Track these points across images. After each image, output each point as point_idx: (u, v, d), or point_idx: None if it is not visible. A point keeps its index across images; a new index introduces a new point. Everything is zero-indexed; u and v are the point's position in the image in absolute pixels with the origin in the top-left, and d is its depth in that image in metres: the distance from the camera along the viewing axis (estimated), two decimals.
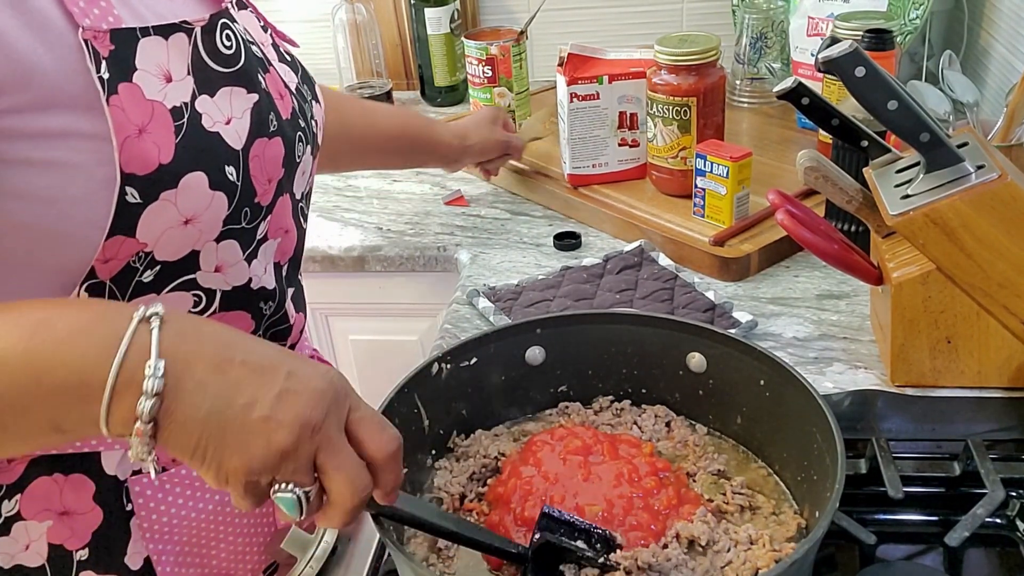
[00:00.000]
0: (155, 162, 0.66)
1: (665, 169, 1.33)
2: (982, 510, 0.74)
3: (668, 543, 0.68)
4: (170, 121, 0.67)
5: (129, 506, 0.77)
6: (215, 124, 0.71)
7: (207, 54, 0.72)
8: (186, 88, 0.69)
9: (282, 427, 0.54)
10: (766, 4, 1.68)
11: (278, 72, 0.82)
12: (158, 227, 0.68)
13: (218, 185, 0.70)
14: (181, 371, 0.53)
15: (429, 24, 1.82)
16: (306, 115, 0.85)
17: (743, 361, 0.78)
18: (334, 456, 0.55)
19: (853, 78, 0.83)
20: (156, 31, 0.68)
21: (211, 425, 0.53)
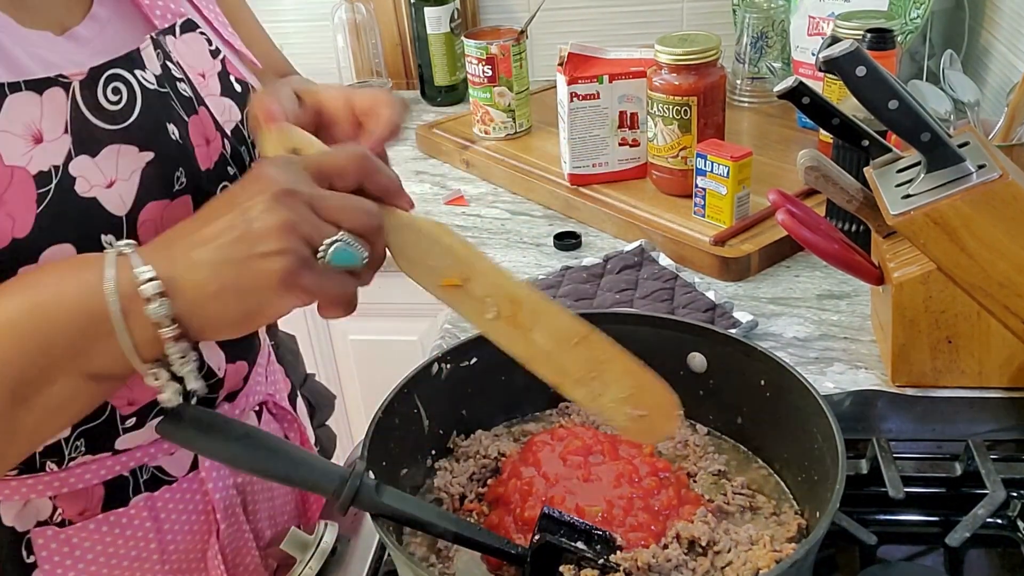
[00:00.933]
0: (8, 236, 0.60)
1: (665, 169, 1.33)
2: (983, 510, 0.74)
3: (668, 543, 0.67)
4: (32, 189, 0.61)
5: (31, 559, 0.73)
6: (92, 188, 0.64)
7: (88, 109, 0.65)
8: (60, 149, 0.63)
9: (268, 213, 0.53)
10: (766, 3, 1.68)
11: (211, 112, 0.75)
12: None
13: None
14: (167, 264, 0.54)
15: (429, 23, 1.81)
16: (241, 159, 0.78)
17: (743, 361, 0.78)
18: (325, 203, 0.55)
19: (854, 77, 0.82)
20: (28, 86, 0.62)
21: (225, 278, 0.54)
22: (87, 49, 0.68)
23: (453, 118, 1.73)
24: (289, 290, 0.54)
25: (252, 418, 0.85)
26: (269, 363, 0.93)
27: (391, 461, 0.73)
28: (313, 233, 0.54)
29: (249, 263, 0.53)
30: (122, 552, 0.75)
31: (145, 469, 0.76)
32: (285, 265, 0.53)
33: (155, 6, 0.74)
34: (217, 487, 0.79)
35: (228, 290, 0.54)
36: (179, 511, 0.78)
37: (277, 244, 0.53)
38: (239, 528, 0.81)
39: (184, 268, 0.54)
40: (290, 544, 0.76)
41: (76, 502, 0.73)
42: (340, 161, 0.58)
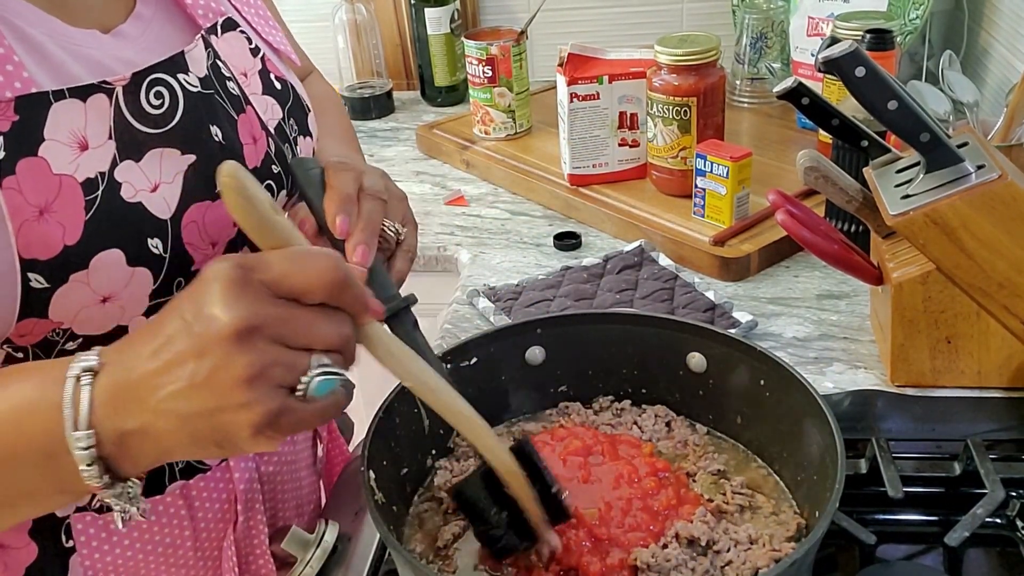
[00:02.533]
0: (59, 244, 0.61)
1: (665, 169, 1.33)
2: (982, 510, 0.74)
3: (668, 543, 0.68)
4: (80, 197, 0.62)
5: (69, 543, 0.74)
6: (137, 193, 0.65)
7: (131, 115, 0.66)
8: (105, 155, 0.64)
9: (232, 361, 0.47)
10: (766, 4, 1.68)
11: (256, 111, 0.76)
12: (72, 307, 0.63)
13: (139, 260, 0.65)
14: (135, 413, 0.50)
15: (429, 24, 1.82)
16: (284, 157, 0.78)
17: (743, 361, 0.78)
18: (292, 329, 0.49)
19: (853, 78, 0.83)
20: (72, 93, 0.62)
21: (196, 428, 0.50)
22: (134, 47, 0.69)
23: (453, 118, 1.73)
24: (263, 437, 0.49)
25: None
26: None
27: (391, 461, 0.73)
28: (286, 374, 0.49)
29: (220, 415, 0.48)
30: (157, 538, 0.76)
31: None
32: (258, 418, 0.48)
33: (197, 5, 0.75)
34: (243, 477, 0.79)
35: (201, 439, 0.50)
36: (211, 500, 0.79)
37: (246, 396, 0.48)
38: (255, 521, 0.82)
39: (152, 416, 0.50)
40: (291, 543, 0.76)
41: None
42: (308, 278, 0.50)
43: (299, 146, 0.80)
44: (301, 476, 0.88)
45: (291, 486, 0.87)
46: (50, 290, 0.62)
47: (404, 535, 0.73)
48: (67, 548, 0.74)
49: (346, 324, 0.52)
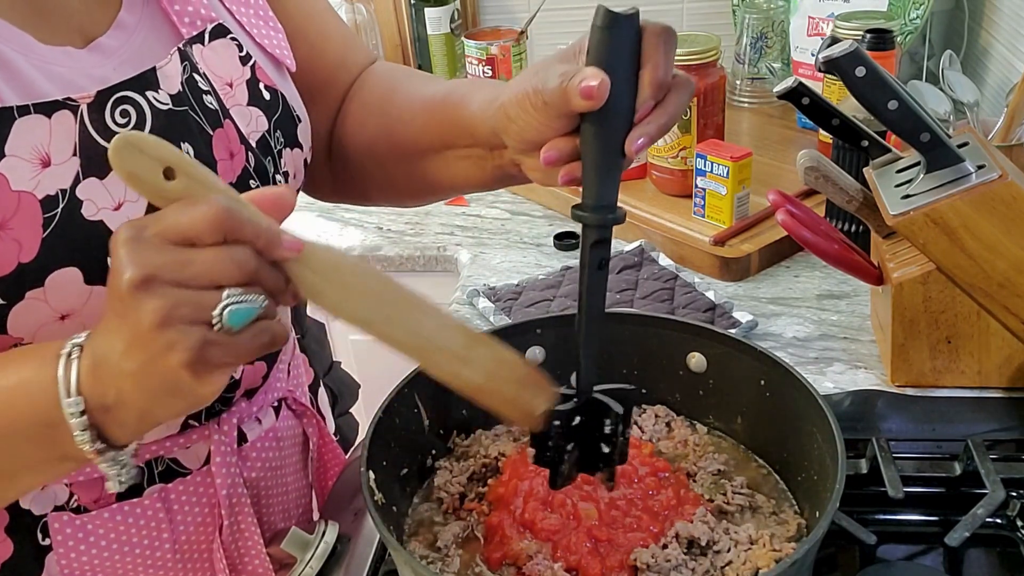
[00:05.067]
0: (14, 262, 0.61)
1: (665, 169, 1.33)
2: (982, 510, 0.74)
3: (668, 543, 0.68)
4: (39, 214, 0.61)
5: (46, 541, 0.74)
6: (99, 212, 0.64)
7: (97, 132, 0.64)
8: (68, 172, 0.63)
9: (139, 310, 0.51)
10: (766, 4, 1.68)
11: (236, 124, 0.73)
12: (30, 324, 0.64)
13: (98, 279, 0.64)
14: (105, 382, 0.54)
15: (429, 24, 1.82)
16: (265, 171, 0.76)
17: (743, 361, 0.78)
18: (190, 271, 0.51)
19: (853, 78, 0.83)
20: (37, 109, 0.62)
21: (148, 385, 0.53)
22: (112, 61, 0.68)
23: None
24: (203, 375, 0.52)
25: (270, 414, 0.84)
26: (292, 357, 0.92)
27: (391, 461, 0.73)
28: (196, 311, 0.51)
29: (155, 364, 0.52)
30: (135, 540, 0.76)
31: (160, 461, 0.76)
32: (184, 357, 0.51)
33: (184, 13, 0.73)
34: (224, 483, 0.78)
35: (158, 393, 0.54)
36: (191, 503, 0.78)
37: (164, 339, 0.51)
38: (245, 525, 0.81)
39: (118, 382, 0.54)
40: (290, 544, 0.76)
41: (91, 490, 0.74)
42: (196, 220, 0.51)
43: (284, 158, 0.78)
44: (288, 482, 0.88)
45: (278, 491, 0.86)
46: (6, 307, 0.62)
47: (404, 535, 0.73)
48: (43, 546, 0.74)
49: (249, 258, 0.53)
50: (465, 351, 0.62)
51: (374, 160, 0.87)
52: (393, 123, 0.85)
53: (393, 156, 0.86)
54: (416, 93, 0.84)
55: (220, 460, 0.78)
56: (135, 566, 0.77)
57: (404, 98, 0.85)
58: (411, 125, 0.83)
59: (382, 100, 0.87)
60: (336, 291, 0.58)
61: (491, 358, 0.63)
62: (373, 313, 0.60)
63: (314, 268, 0.56)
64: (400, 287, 0.61)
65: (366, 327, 0.60)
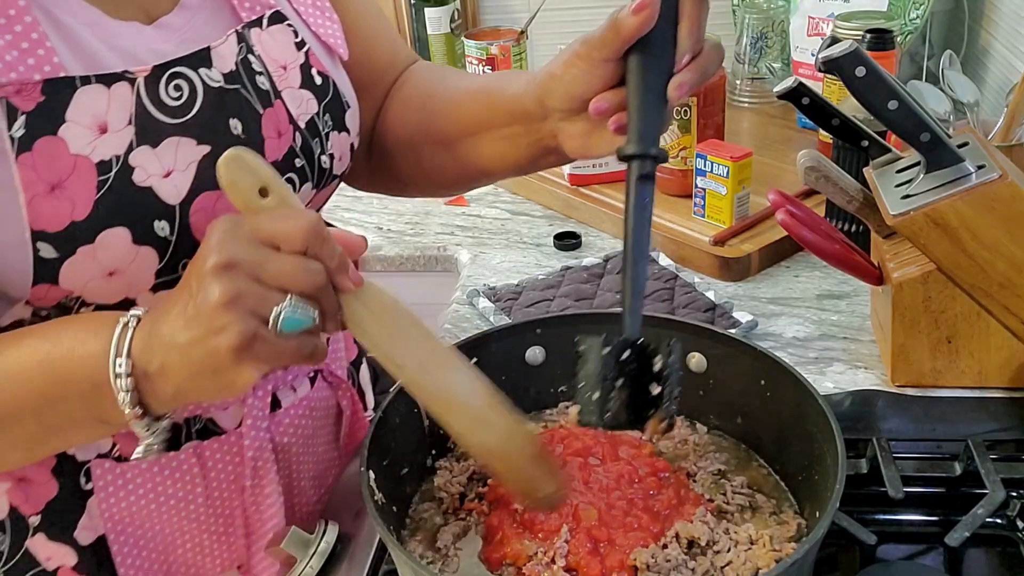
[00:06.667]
0: (67, 219, 0.66)
1: (665, 169, 1.33)
2: (982, 510, 0.74)
3: (668, 543, 0.68)
4: (93, 176, 0.66)
5: (88, 485, 0.78)
6: (149, 178, 0.69)
7: (152, 104, 0.70)
8: (123, 140, 0.68)
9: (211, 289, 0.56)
10: (766, 4, 1.68)
11: (286, 105, 0.78)
12: (80, 278, 0.68)
13: (144, 240, 0.69)
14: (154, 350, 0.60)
15: (429, 24, 1.82)
16: (311, 151, 0.80)
17: (743, 361, 0.78)
18: (267, 269, 0.57)
19: (853, 78, 0.83)
20: (98, 80, 0.67)
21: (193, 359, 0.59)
22: (173, 38, 0.73)
23: None
24: (244, 362, 0.57)
25: (305, 383, 0.87)
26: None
27: (391, 461, 0.73)
28: (259, 304, 0.57)
29: (206, 341, 0.57)
30: (170, 492, 0.80)
31: (198, 419, 0.80)
32: (233, 340, 0.56)
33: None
34: (252, 445, 0.81)
35: (200, 370, 0.59)
36: (224, 462, 0.82)
37: (223, 319, 0.56)
38: (270, 489, 0.83)
39: (165, 353, 0.59)
40: (290, 544, 0.76)
41: (133, 441, 0.76)
42: (288, 228, 0.59)
43: (331, 141, 0.82)
44: (319, 451, 0.91)
45: (309, 459, 0.89)
46: (59, 260, 0.66)
47: (404, 535, 0.73)
48: (86, 490, 0.79)
49: (320, 274, 0.59)
50: (485, 413, 0.65)
51: (413, 152, 0.93)
52: (433, 116, 0.90)
53: (432, 146, 0.91)
54: (455, 87, 0.90)
55: (251, 423, 0.81)
56: (169, 516, 0.81)
57: (444, 92, 0.91)
58: (451, 114, 0.88)
59: (424, 96, 0.93)
60: (379, 330, 0.63)
61: (509, 425, 0.67)
62: (408, 358, 0.64)
63: (366, 303, 0.62)
64: (438, 340, 0.66)
65: (398, 370, 0.65)
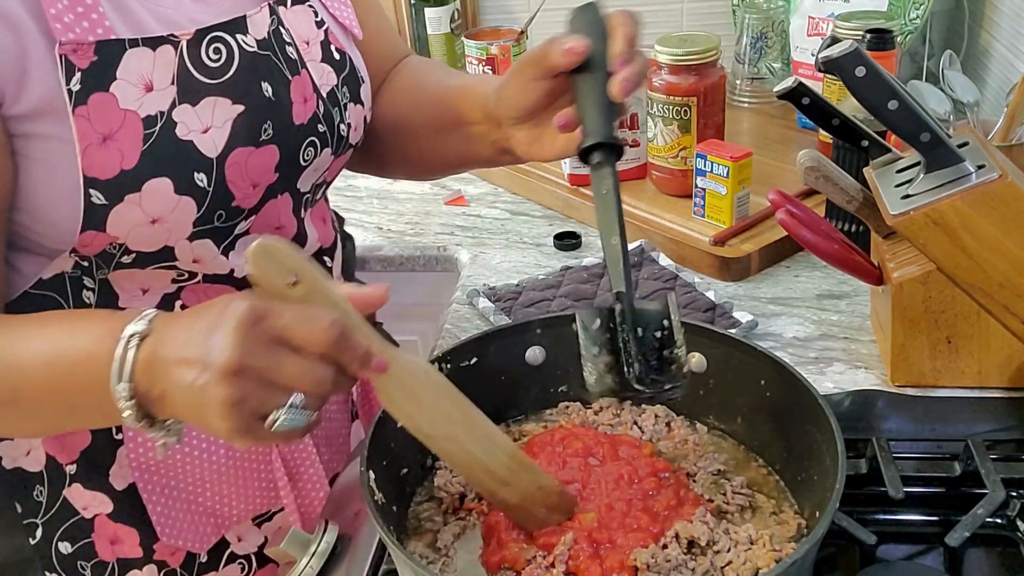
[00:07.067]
0: (117, 167, 0.72)
1: (665, 169, 1.33)
2: (982, 510, 0.74)
3: (668, 543, 0.68)
4: (140, 129, 0.73)
5: (119, 436, 0.85)
6: (190, 133, 0.75)
7: (193, 66, 0.76)
8: (166, 97, 0.74)
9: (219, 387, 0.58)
10: (766, 4, 1.68)
11: (311, 74, 0.84)
12: (126, 224, 0.74)
13: (185, 190, 0.75)
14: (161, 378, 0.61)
15: (429, 24, 1.81)
16: (332, 119, 0.86)
17: (743, 361, 0.78)
18: (279, 373, 0.58)
19: (853, 78, 0.83)
20: (144, 43, 0.73)
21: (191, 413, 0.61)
22: (212, 8, 0.79)
23: None
24: (234, 439, 0.60)
25: None
26: None
27: (391, 461, 0.73)
28: (260, 406, 0.59)
29: (205, 416, 0.59)
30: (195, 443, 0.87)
31: None
32: (229, 428, 0.59)
33: None
34: None
35: (198, 420, 0.61)
36: None
37: (223, 413, 0.58)
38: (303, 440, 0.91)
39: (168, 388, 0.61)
40: (290, 544, 0.76)
41: None
42: (311, 333, 0.59)
43: (348, 111, 0.89)
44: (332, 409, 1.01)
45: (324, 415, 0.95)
46: (108, 207, 0.72)
47: (404, 535, 0.73)
48: (116, 440, 0.85)
49: (329, 381, 0.60)
50: (509, 475, 0.67)
51: (399, 138, 1.01)
52: (419, 108, 0.99)
53: (416, 134, 1.00)
54: (442, 83, 0.99)
55: None
56: (194, 467, 0.87)
57: (430, 86, 1.00)
58: (434, 108, 0.97)
59: (413, 87, 1.01)
60: (409, 404, 0.65)
61: (531, 484, 0.69)
62: (437, 430, 0.66)
63: (395, 378, 0.63)
64: (467, 406, 0.68)
65: (426, 439, 0.67)
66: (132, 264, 0.78)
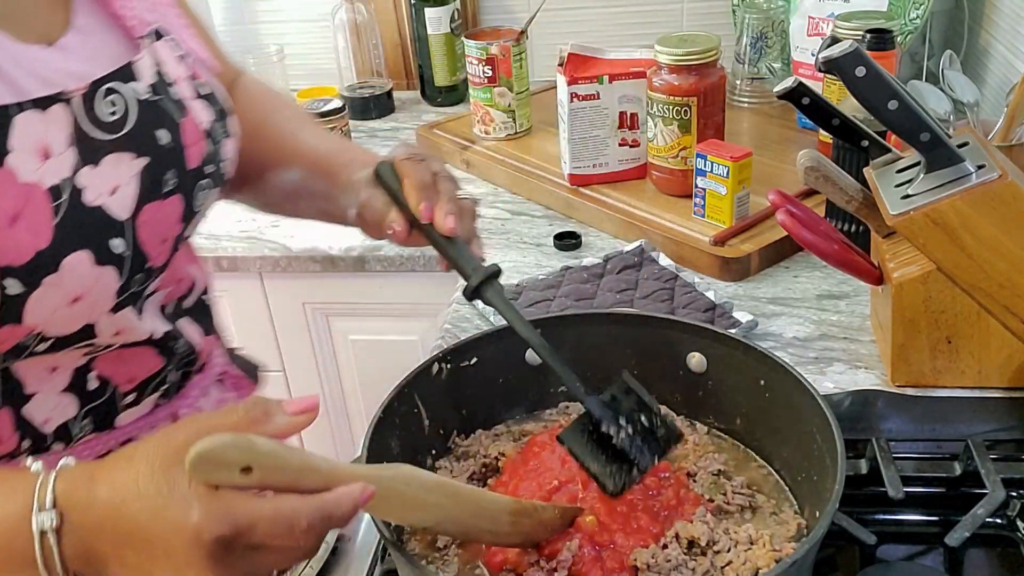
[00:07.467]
0: (32, 250, 0.64)
1: (665, 169, 1.33)
2: (982, 510, 0.74)
3: (668, 543, 0.68)
4: (48, 202, 0.65)
5: None
6: (99, 197, 0.68)
7: (90, 122, 0.69)
8: (66, 162, 0.67)
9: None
10: (766, 4, 1.68)
11: (192, 114, 0.77)
12: (45, 310, 0.67)
13: (104, 260, 0.69)
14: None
15: (429, 24, 1.81)
16: (216, 157, 0.80)
17: (743, 361, 0.78)
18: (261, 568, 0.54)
19: (854, 78, 0.83)
20: (32, 105, 0.65)
21: None
22: (77, 59, 0.71)
23: (453, 118, 1.73)
24: None
25: (216, 387, 0.89)
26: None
27: (391, 461, 0.73)
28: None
29: None
30: None
31: None
32: None
33: (130, 16, 0.76)
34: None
35: None
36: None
37: None
38: None
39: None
40: None
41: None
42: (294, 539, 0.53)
43: (225, 147, 0.81)
44: None
45: None
46: (25, 295, 0.65)
47: (404, 535, 0.73)
48: None
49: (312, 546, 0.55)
50: (511, 528, 0.67)
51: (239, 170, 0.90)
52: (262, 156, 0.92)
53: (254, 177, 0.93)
54: (290, 139, 0.94)
55: None
56: None
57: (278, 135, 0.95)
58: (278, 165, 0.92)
59: (256, 122, 0.93)
60: (398, 512, 0.63)
61: (534, 524, 0.68)
62: (432, 521, 0.65)
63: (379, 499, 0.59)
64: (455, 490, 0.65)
65: (426, 530, 0.70)
66: (47, 351, 0.70)
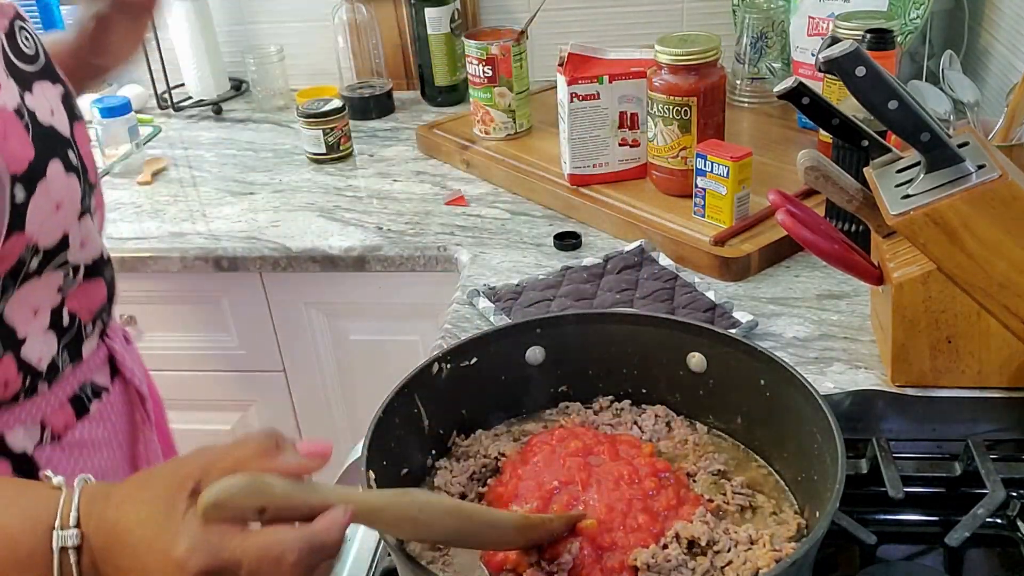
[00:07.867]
0: (25, 160, 0.74)
1: (665, 169, 1.33)
2: (983, 510, 0.74)
3: (668, 543, 0.68)
4: (19, 121, 0.75)
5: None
6: (47, 117, 0.79)
7: (15, 56, 0.79)
8: (12, 89, 0.77)
9: None
10: (766, 4, 1.68)
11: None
12: (39, 217, 0.76)
13: (69, 168, 0.79)
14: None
15: (429, 24, 1.81)
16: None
17: (743, 361, 0.78)
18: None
19: (854, 78, 0.82)
20: None
21: None
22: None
23: (453, 118, 1.73)
24: None
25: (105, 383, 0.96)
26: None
27: (391, 461, 0.73)
28: None
29: None
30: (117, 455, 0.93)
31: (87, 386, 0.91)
32: None
33: None
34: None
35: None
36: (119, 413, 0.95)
37: None
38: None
39: None
40: None
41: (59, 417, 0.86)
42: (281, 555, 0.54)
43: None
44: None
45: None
46: (26, 201, 0.74)
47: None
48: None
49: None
50: (520, 540, 0.67)
51: None
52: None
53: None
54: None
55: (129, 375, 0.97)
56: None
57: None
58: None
59: None
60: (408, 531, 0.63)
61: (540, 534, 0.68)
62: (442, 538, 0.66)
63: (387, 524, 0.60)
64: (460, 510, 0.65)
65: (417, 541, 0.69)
66: (35, 271, 0.79)
